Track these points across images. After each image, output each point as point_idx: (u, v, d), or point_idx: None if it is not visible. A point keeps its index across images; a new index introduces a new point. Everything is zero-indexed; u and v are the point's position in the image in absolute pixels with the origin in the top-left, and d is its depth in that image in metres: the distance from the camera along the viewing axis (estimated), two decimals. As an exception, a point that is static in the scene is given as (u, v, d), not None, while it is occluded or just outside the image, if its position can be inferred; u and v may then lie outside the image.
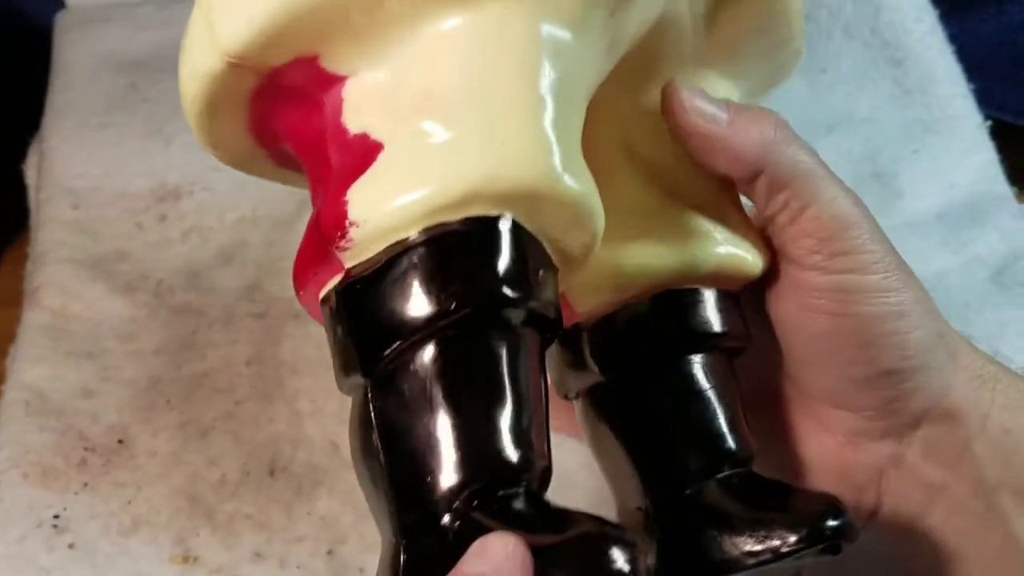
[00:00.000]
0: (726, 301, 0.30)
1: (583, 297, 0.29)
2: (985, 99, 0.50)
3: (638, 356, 0.29)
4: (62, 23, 0.51)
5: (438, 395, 0.22)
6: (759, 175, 0.29)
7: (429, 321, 0.22)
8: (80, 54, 0.50)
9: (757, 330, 0.31)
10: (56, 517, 0.37)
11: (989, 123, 0.50)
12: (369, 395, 0.22)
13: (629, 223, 0.28)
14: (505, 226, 0.22)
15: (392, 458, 0.22)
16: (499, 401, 0.22)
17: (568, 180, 0.22)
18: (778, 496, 0.28)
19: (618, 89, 0.27)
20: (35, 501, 0.37)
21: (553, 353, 0.31)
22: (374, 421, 0.22)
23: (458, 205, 0.22)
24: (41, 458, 0.38)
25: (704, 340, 0.29)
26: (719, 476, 0.28)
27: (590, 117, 0.25)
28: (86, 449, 0.39)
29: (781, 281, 0.31)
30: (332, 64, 0.23)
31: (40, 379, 0.40)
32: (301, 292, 0.24)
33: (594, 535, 0.20)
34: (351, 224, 0.22)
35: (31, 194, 0.47)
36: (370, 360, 0.22)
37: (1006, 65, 0.52)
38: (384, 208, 0.22)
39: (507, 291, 0.22)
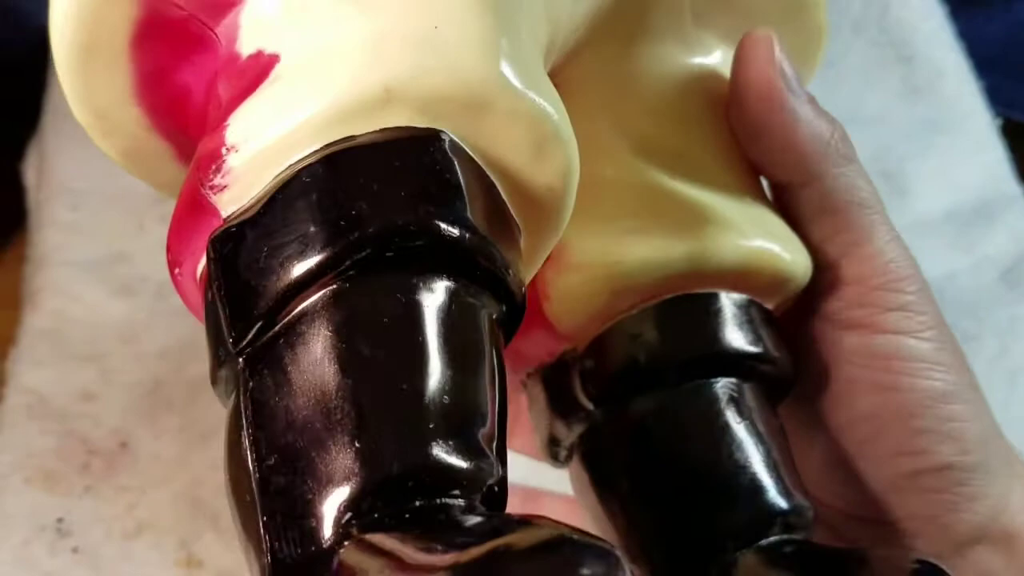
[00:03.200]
0: (759, 313, 0.22)
1: (568, 309, 0.22)
2: (994, 97, 0.50)
3: (640, 382, 0.21)
4: (61, 21, 0.51)
5: (331, 367, 0.15)
6: (810, 184, 0.23)
7: (325, 262, 0.15)
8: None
9: None
10: (59, 521, 0.37)
11: (999, 121, 0.50)
12: (242, 381, 0.16)
13: (625, 211, 0.22)
14: (438, 143, 0.16)
15: (265, 463, 0.15)
16: (423, 375, 0.15)
17: (522, 85, 0.17)
18: (845, 565, 0.20)
19: (604, 51, 0.23)
20: (38, 505, 0.37)
21: (539, 402, 0.23)
22: (244, 413, 0.16)
23: (371, 109, 0.16)
24: (43, 462, 0.38)
25: (732, 361, 0.21)
26: (761, 544, 0.20)
27: (571, 87, 0.21)
28: (89, 453, 0.38)
29: (807, 350, 0.23)
30: None
31: (41, 382, 0.40)
32: (176, 272, 0.18)
33: (554, 540, 0.13)
34: (228, 150, 0.16)
35: (30, 194, 0.47)
36: (244, 327, 0.16)
37: (1015, 63, 0.52)
38: (270, 123, 0.16)
39: (436, 219, 0.16)
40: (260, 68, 0.17)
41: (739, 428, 0.21)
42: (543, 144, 0.17)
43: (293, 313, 0.16)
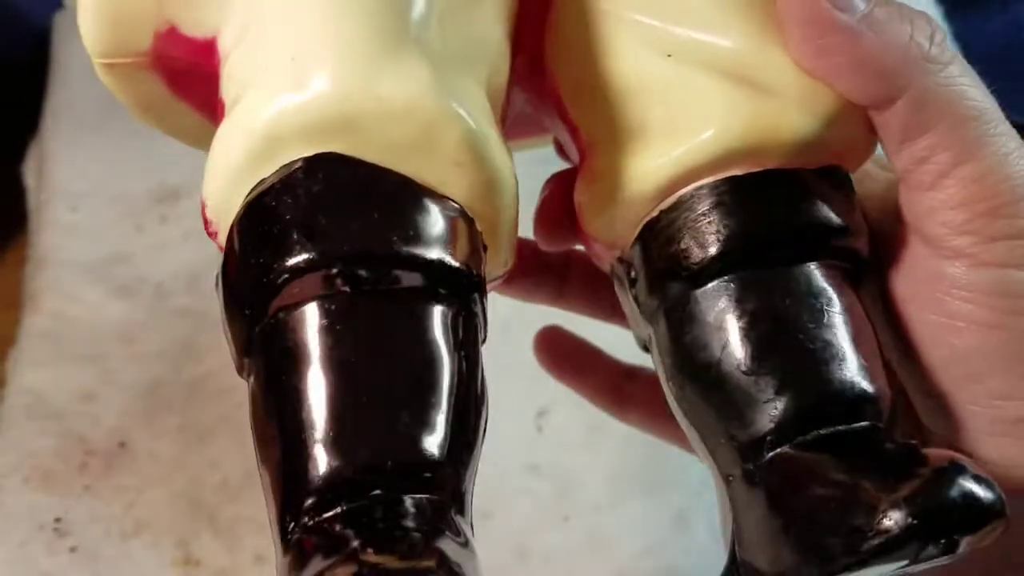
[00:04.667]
0: (780, 186, 0.20)
1: (593, 220, 0.22)
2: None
3: (672, 279, 0.21)
4: (60, 24, 0.51)
5: (268, 399, 0.18)
6: (895, 101, 0.19)
7: (255, 312, 0.18)
8: (79, 55, 0.49)
9: None
10: (57, 521, 0.37)
11: (994, 122, 0.50)
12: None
13: (623, 111, 0.21)
14: (329, 165, 0.18)
15: (259, 462, 0.18)
16: (346, 388, 0.17)
17: (386, 86, 0.17)
18: (869, 457, 0.18)
19: None
20: (36, 505, 0.37)
21: (621, 303, 0.24)
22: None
23: (265, 154, 0.18)
24: (42, 462, 0.38)
25: (756, 250, 0.20)
26: (811, 435, 0.19)
27: None
28: (87, 453, 0.39)
29: (908, 273, 0.21)
30: (192, 28, 0.20)
31: (41, 383, 0.40)
32: None
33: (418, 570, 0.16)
34: (204, 204, 0.19)
35: (30, 196, 0.47)
36: (236, 356, 0.19)
37: (1013, 65, 0.52)
38: (212, 177, 0.18)
39: (326, 247, 0.17)
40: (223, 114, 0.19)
41: (779, 314, 0.20)
42: (430, 131, 0.18)
43: (254, 346, 0.18)
